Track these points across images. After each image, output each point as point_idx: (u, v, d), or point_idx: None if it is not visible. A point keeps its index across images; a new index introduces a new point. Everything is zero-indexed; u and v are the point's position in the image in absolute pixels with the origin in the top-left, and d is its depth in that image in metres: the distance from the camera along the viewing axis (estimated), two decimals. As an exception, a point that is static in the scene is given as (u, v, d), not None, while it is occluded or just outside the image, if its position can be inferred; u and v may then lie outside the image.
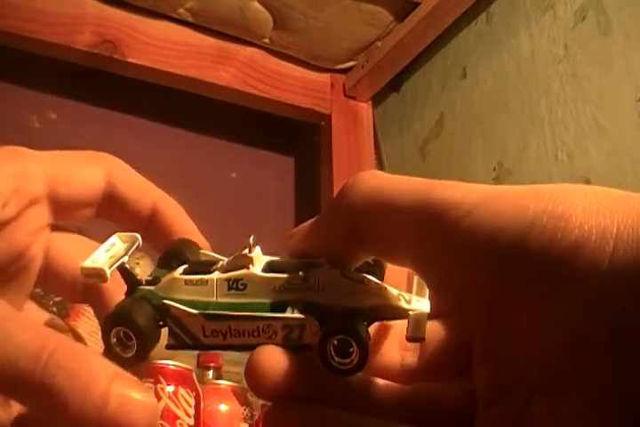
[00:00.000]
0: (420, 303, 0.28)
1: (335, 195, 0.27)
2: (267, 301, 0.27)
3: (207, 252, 0.31)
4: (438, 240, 0.24)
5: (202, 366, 0.91)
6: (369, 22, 1.22)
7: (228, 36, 1.26)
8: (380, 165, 1.27)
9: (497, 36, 1.08)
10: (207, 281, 0.28)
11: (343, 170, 1.25)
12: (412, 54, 1.21)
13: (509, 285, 0.23)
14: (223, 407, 0.84)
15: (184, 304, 0.28)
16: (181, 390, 0.78)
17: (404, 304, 0.27)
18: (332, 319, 0.26)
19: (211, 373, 0.91)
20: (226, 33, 1.25)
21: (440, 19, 1.13)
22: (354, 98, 1.32)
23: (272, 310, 0.27)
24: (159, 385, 0.77)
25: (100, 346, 0.27)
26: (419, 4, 1.15)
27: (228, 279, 0.28)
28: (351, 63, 1.31)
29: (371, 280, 0.27)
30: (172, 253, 0.30)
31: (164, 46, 1.21)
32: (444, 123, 1.15)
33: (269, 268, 0.28)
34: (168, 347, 0.29)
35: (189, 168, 1.33)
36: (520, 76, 1.02)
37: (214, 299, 0.28)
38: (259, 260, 0.28)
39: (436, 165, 1.14)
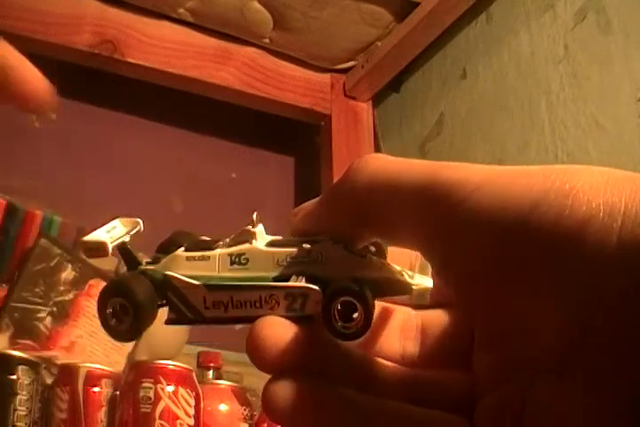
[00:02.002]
0: (423, 280, 0.28)
1: (340, 176, 0.27)
2: (269, 274, 0.27)
3: (207, 238, 0.31)
4: (441, 220, 0.24)
5: (202, 366, 0.91)
6: (369, 22, 1.22)
7: (228, 36, 1.26)
8: (380, 165, 1.27)
9: (497, 36, 1.08)
10: (209, 257, 0.28)
11: (343, 170, 1.25)
12: (412, 54, 1.21)
13: (513, 264, 0.22)
14: (223, 407, 0.84)
15: (189, 277, 0.28)
16: (181, 390, 0.78)
17: (407, 279, 0.27)
18: (335, 285, 0.26)
19: (211, 373, 0.91)
20: (226, 33, 1.25)
21: (440, 19, 1.13)
22: (354, 98, 1.32)
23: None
24: (159, 385, 0.77)
25: (100, 346, 0.27)
26: (419, 4, 1.15)
27: (230, 254, 0.28)
28: (351, 63, 1.31)
29: (373, 255, 0.27)
30: (171, 241, 0.30)
31: (164, 46, 1.21)
32: (443, 123, 1.15)
33: (272, 245, 0.28)
34: (168, 322, 0.28)
35: (189, 168, 1.33)
36: (520, 76, 1.02)
37: (216, 273, 0.28)
38: (261, 236, 0.28)
39: (436, 165, 1.14)
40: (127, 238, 0.29)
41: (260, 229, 0.28)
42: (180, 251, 0.29)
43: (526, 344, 0.23)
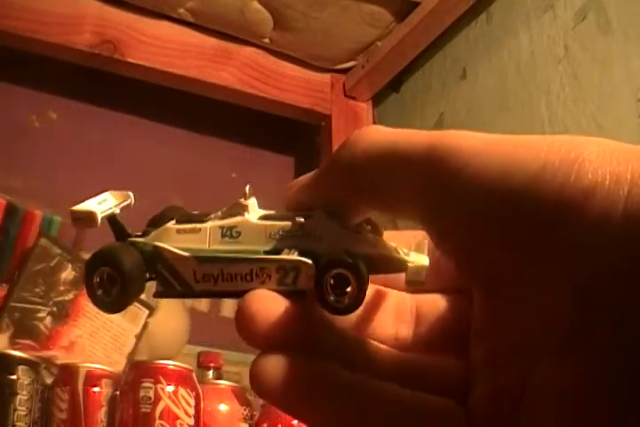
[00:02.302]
0: (419, 257, 0.27)
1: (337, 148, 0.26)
2: (261, 247, 0.26)
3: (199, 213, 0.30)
4: (439, 187, 0.23)
5: (202, 366, 0.91)
6: (369, 22, 1.22)
7: (228, 36, 1.26)
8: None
9: (497, 36, 1.08)
10: (200, 229, 0.27)
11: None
12: (412, 54, 1.21)
13: (514, 234, 0.22)
14: (223, 407, 0.84)
15: (179, 248, 0.27)
16: (181, 390, 0.78)
17: (402, 256, 0.27)
18: (328, 257, 0.25)
19: (211, 373, 0.91)
20: (226, 33, 1.25)
21: (440, 19, 1.13)
22: (354, 98, 1.32)
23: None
24: (159, 385, 0.77)
25: (100, 346, 0.27)
26: (419, 3, 1.15)
27: (221, 227, 0.27)
28: (351, 63, 1.31)
29: (368, 231, 0.26)
30: (162, 215, 0.29)
31: (164, 46, 1.21)
32: (443, 123, 1.15)
33: (265, 218, 0.27)
34: (156, 295, 0.27)
35: (189, 168, 1.33)
36: (520, 76, 1.02)
37: (207, 246, 0.27)
38: (254, 209, 0.27)
39: (436, 165, 1.14)
40: (117, 210, 0.29)
41: (252, 202, 0.28)
42: (171, 223, 0.28)
43: (527, 323, 0.22)
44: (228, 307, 1.26)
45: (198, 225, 0.27)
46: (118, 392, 0.79)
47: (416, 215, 0.24)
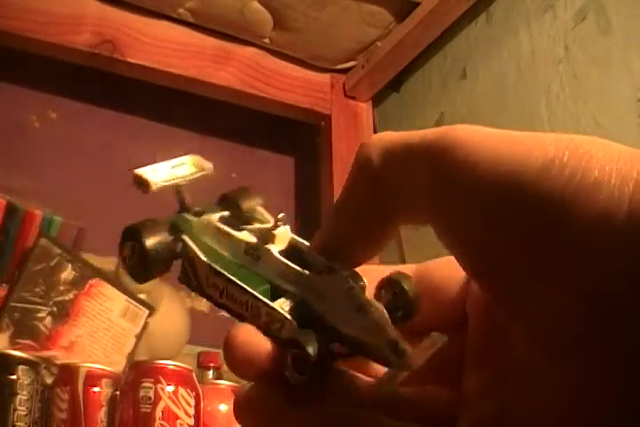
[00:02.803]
0: (411, 359, 0.25)
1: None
2: (271, 280, 0.26)
3: (262, 209, 0.30)
4: (442, 180, 0.23)
5: (202, 366, 0.91)
6: (369, 22, 1.22)
7: (228, 36, 1.26)
8: (380, 165, 1.27)
9: (497, 36, 1.08)
10: (231, 237, 0.28)
11: (343, 170, 1.25)
12: (412, 54, 1.21)
13: (516, 231, 0.21)
14: (223, 407, 0.84)
15: (203, 248, 0.28)
16: (181, 390, 0.78)
17: (391, 355, 0.24)
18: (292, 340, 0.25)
19: (211, 373, 0.91)
20: (226, 33, 1.25)
21: (440, 19, 1.13)
22: (354, 98, 1.32)
23: (270, 292, 0.26)
24: (159, 385, 0.77)
25: (100, 346, 0.27)
26: (419, 4, 1.15)
27: (247, 244, 0.27)
28: (351, 63, 1.31)
29: (375, 311, 0.25)
30: (229, 197, 0.31)
31: (164, 46, 1.21)
32: (443, 123, 1.15)
33: (290, 251, 0.27)
34: (179, 279, 0.28)
35: (189, 168, 1.33)
36: (520, 76, 1.02)
37: (228, 255, 0.28)
38: (282, 238, 0.27)
39: (436, 165, 1.14)
40: (182, 182, 0.30)
41: (284, 230, 0.27)
42: (216, 217, 0.29)
43: (530, 328, 0.22)
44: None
45: (233, 232, 0.28)
46: (118, 392, 0.79)
47: (426, 212, 0.24)
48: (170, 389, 0.77)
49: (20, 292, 0.95)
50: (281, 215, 0.28)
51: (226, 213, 0.29)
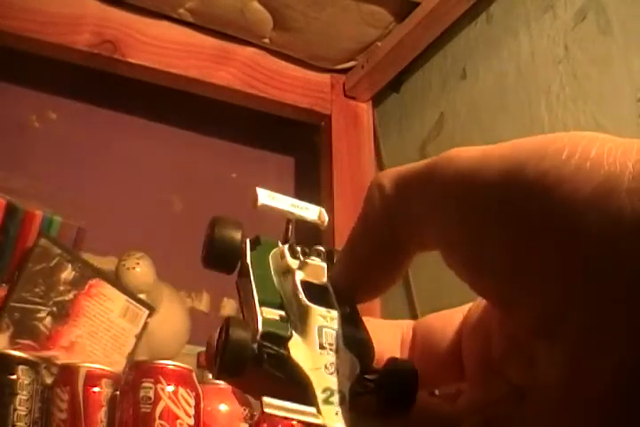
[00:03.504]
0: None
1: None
2: (282, 296, 0.27)
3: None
4: (438, 197, 0.23)
5: (202, 366, 0.91)
6: (369, 22, 1.22)
7: (228, 36, 1.26)
8: (380, 165, 1.27)
9: (497, 36, 1.08)
10: (283, 260, 0.28)
11: (343, 170, 1.25)
12: (412, 54, 1.21)
13: (514, 226, 0.21)
14: (223, 407, 0.84)
15: (256, 260, 0.28)
16: (181, 390, 0.78)
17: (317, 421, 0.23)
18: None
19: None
20: (226, 33, 1.25)
21: (440, 19, 1.13)
22: (354, 98, 1.32)
23: (277, 306, 0.26)
24: (159, 385, 0.77)
25: (100, 346, 0.27)
26: (419, 4, 1.15)
27: (287, 265, 0.28)
28: (351, 63, 1.31)
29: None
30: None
31: (164, 46, 1.21)
32: (444, 123, 1.15)
33: (307, 288, 0.27)
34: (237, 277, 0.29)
35: (189, 168, 1.33)
36: (520, 76, 1.02)
37: (272, 269, 0.28)
38: (317, 272, 0.27)
39: (436, 165, 1.14)
40: (291, 217, 0.30)
41: (320, 264, 0.28)
42: (285, 248, 0.29)
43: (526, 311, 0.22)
44: (229, 307, 1.26)
45: (287, 258, 0.28)
46: (118, 392, 0.79)
47: (431, 235, 0.24)
48: (170, 389, 0.77)
49: (20, 292, 0.95)
50: (319, 247, 0.29)
51: (291, 245, 0.29)
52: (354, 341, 0.25)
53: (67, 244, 1.02)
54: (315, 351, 0.24)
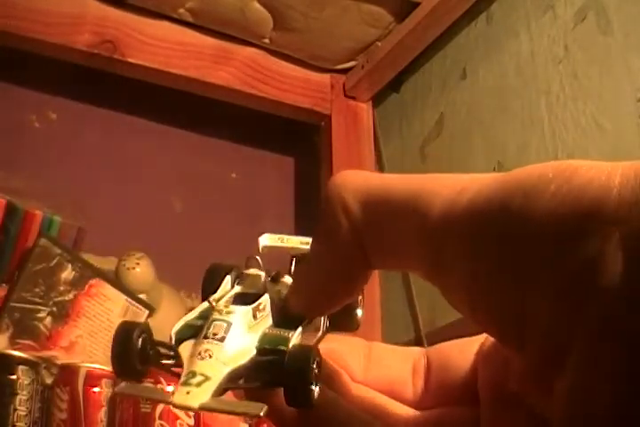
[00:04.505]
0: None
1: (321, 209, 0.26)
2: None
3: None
4: (427, 232, 0.23)
5: (202, 366, 0.91)
6: (369, 22, 1.22)
7: (228, 36, 1.26)
8: (380, 166, 1.27)
9: (497, 36, 1.08)
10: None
11: (343, 170, 1.25)
12: (412, 54, 1.21)
13: (506, 246, 0.21)
14: (223, 407, 0.84)
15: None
16: (181, 390, 0.78)
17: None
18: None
19: (211, 373, 0.90)
20: (226, 33, 1.25)
21: (440, 19, 1.13)
22: (354, 98, 1.32)
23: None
24: (159, 385, 0.77)
25: (100, 346, 0.28)
26: (419, 3, 1.15)
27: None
28: (351, 63, 1.31)
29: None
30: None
31: (164, 46, 1.21)
32: (444, 123, 1.15)
33: (239, 297, 0.28)
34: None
35: (189, 168, 1.33)
36: (520, 76, 1.02)
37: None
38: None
39: (436, 165, 1.14)
40: (292, 252, 0.30)
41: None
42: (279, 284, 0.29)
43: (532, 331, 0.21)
44: (228, 307, 1.26)
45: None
46: (118, 392, 0.79)
47: (419, 269, 0.24)
48: (170, 389, 0.77)
49: (20, 292, 0.95)
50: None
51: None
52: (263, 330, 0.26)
53: (67, 244, 1.02)
54: (198, 342, 0.25)
